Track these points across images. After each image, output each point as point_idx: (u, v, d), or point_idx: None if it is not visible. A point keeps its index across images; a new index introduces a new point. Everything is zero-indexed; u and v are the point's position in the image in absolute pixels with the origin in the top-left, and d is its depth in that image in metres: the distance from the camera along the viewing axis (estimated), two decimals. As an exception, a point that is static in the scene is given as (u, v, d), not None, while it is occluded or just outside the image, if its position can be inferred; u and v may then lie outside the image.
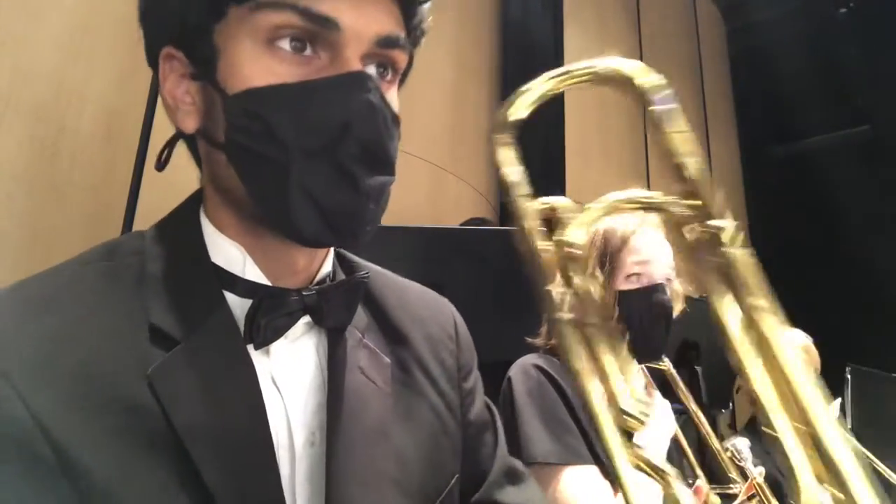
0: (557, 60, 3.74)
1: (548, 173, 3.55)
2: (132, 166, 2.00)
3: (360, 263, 0.67)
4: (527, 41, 3.80)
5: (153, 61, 0.57)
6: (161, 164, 0.60)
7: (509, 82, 3.76)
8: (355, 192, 0.50)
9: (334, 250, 0.64)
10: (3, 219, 1.67)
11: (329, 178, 0.50)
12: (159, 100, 2.21)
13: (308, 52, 0.51)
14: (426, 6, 0.58)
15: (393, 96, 0.56)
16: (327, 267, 0.61)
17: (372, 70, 0.54)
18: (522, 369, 1.16)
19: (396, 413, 0.59)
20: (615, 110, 4.09)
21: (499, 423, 0.73)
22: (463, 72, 3.37)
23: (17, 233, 1.69)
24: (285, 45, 0.50)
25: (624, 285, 1.21)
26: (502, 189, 0.53)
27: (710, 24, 5.42)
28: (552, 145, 3.60)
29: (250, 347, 0.53)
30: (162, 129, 2.07)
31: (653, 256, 1.23)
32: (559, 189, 3.52)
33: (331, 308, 0.56)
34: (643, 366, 1.30)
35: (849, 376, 2.47)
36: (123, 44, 2.01)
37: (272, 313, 0.53)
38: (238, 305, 0.54)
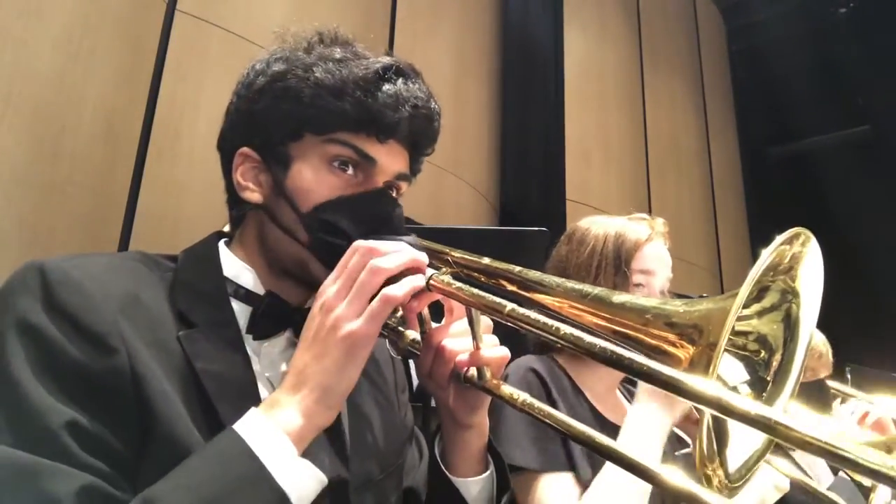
0: (557, 60, 3.75)
1: (548, 173, 3.56)
2: (132, 166, 2.01)
3: None
4: (527, 41, 3.80)
5: (227, 147, 0.82)
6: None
7: (509, 82, 3.76)
8: None
9: None
10: (3, 219, 1.67)
11: None
12: (159, 100, 2.21)
13: (350, 172, 0.78)
14: (424, 158, 0.89)
15: None
16: (309, 304, 0.84)
17: None
18: (517, 372, 1.18)
19: (350, 405, 0.81)
20: (615, 110, 4.09)
21: (421, 436, 1.00)
22: (464, 72, 3.37)
23: (17, 233, 1.69)
24: (337, 164, 0.77)
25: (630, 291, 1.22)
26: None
27: (710, 23, 5.42)
28: (552, 145, 3.60)
29: (248, 342, 0.75)
30: (162, 129, 2.08)
31: (657, 268, 1.24)
32: (559, 189, 3.52)
33: None
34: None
35: (849, 376, 2.47)
36: (123, 44, 2.02)
37: (269, 314, 0.77)
38: (240, 310, 0.77)
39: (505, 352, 0.76)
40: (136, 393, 0.63)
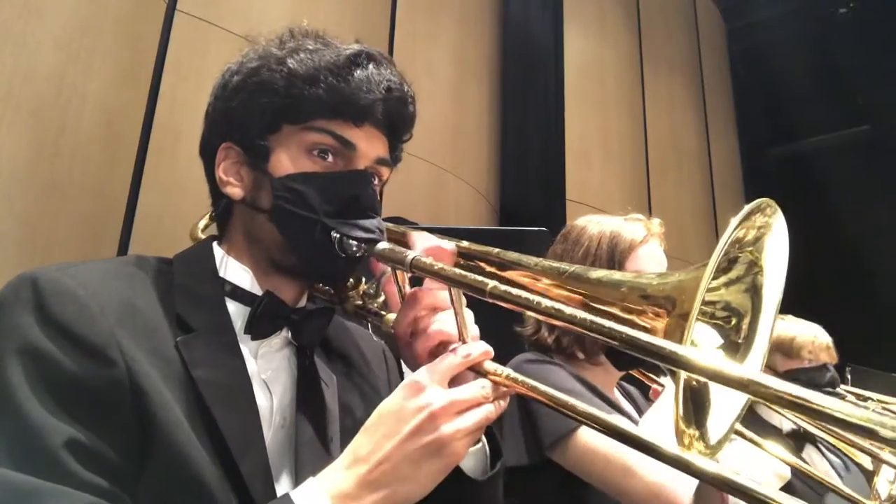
0: (557, 60, 3.74)
1: (548, 173, 3.55)
2: (132, 166, 2.00)
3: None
4: (527, 41, 3.79)
5: (208, 149, 0.82)
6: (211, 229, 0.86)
7: (509, 82, 3.76)
8: (357, 246, 0.76)
9: None
10: (3, 219, 1.67)
11: (341, 234, 0.75)
12: (159, 100, 2.20)
13: (330, 159, 0.78)
14: (403, 146, 0.88)
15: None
16: (303, 302, 0.86)
17: None
18: (513, 365, 1.18)
19: (342, 405, 0.82)
20: (615, 110, 4.09)
21: None
22: (463, 72, 3.37)
23: (17, 233, 1.69)
24: (316, 153, 0.77)
25: None
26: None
27: (710, 23, 5.41)
28: (552, 145, 3.60)
29: (245, 343, 0.75)
30: (162, 129, 2.08)
31: (652, 269, 1.24)
32: (559, 189, 3.52)
33: (308, 327, 0.80)
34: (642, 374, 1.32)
35: (849, 376, 2.47)
36: (123, 44, 2.02)
37: (267, 314, 0.76)
38: (237, 311, 0.77)
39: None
40: (136, 404, 0.63)
